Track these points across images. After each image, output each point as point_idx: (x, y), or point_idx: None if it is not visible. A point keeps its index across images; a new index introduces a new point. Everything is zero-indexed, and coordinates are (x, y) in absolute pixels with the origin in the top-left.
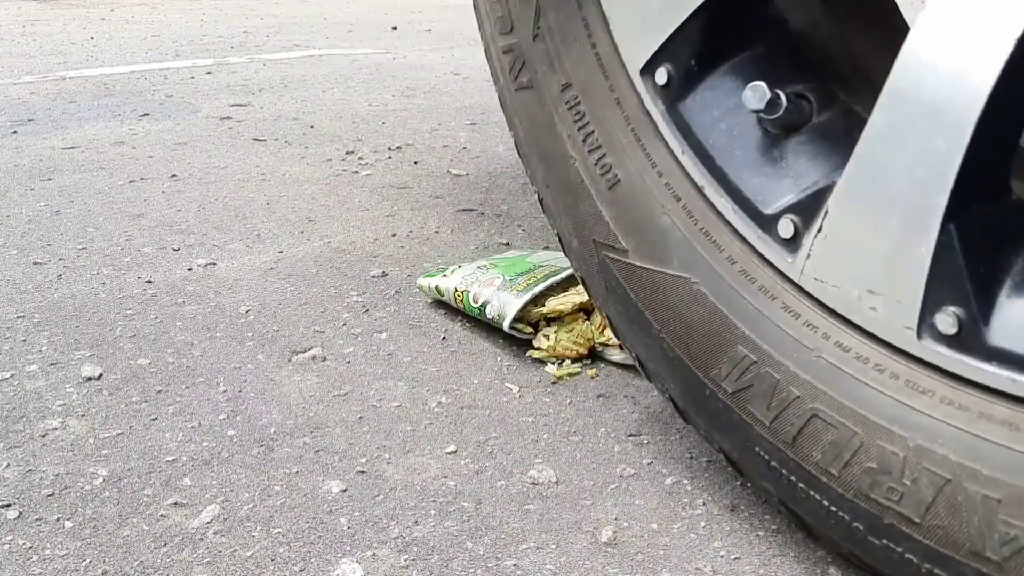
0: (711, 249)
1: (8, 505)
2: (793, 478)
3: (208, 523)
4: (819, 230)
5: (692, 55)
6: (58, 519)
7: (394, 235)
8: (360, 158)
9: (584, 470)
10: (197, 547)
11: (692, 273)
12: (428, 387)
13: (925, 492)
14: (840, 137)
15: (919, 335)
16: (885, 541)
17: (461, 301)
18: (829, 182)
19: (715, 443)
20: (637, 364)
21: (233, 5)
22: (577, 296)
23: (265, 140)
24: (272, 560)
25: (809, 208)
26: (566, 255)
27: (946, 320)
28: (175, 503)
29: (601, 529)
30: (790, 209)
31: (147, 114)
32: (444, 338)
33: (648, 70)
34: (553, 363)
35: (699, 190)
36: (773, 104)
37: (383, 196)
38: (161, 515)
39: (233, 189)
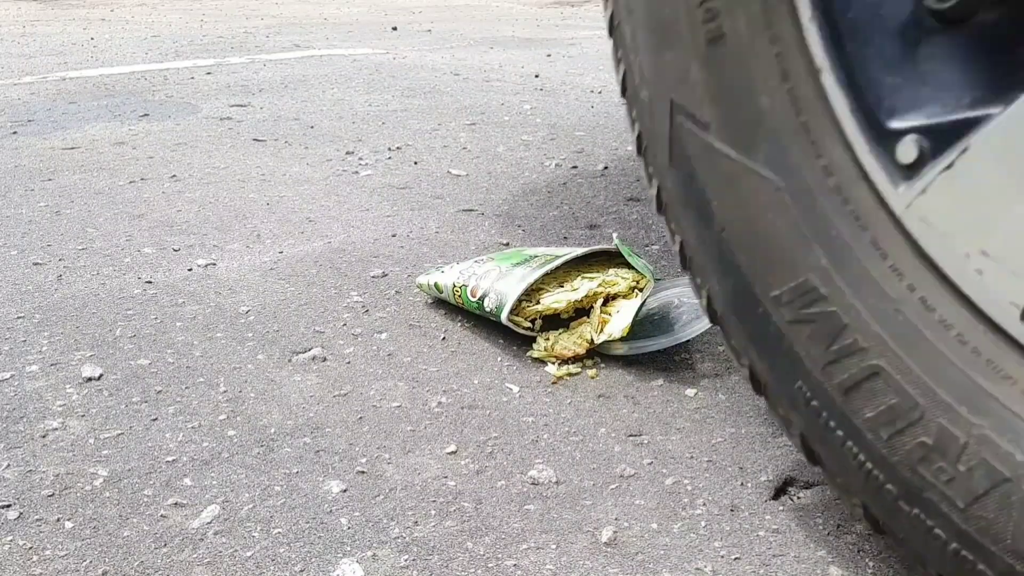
0: (807, 151)
1: (8, 505)
2: (833, 423)
3: (208, 523)
4: (949, 166)
5: None
6: (58, 519)
7: (394, 235)
8: (360, 158)
9: (584, 470)
10: (197, 547)
11: (779, 174)
12: (428, 387)
13: (978, 483)
14: (1012, 49)
15: None
16: (917, 511)
17: (459, 297)
18: (982, 112)
19: (745, 357)
20: (677, 249)
21: (233, 5)
22: (572, 293)
23: (265, 140)
24: (272, 560)
25: (945, 135)
26: (623, 96)
27: None
28: (175, 503)
29: (601, 529)
30: (921, 130)
31: (147, 114)
32: (444, 338)
33: None
34: (553, 363)
35: (814, 73)
36: None
37: (383, 196)
38: (161, 515)
39: (233, 189)
